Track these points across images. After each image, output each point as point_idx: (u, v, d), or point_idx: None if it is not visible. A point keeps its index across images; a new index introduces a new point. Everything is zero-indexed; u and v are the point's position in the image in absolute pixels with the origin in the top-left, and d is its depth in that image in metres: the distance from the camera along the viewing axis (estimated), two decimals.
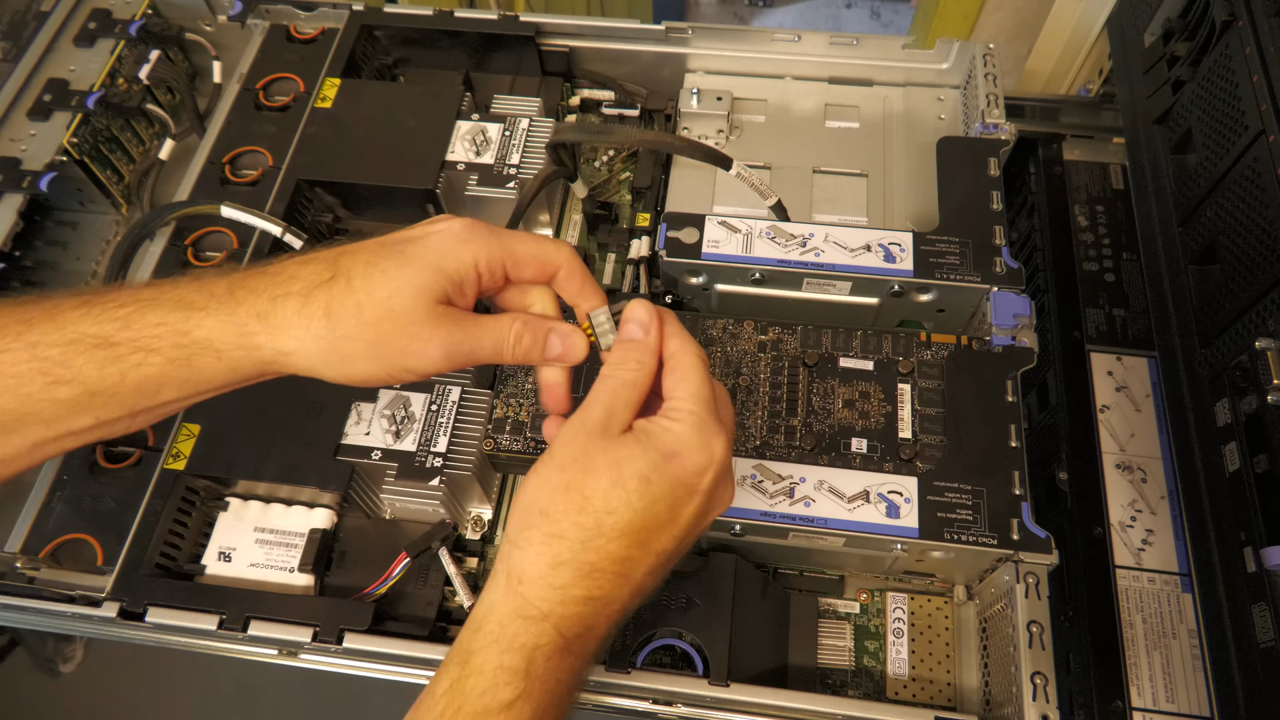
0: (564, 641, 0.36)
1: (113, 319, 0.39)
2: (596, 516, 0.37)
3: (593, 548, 0.37)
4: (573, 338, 0.43)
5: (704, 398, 0.40)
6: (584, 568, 0.37)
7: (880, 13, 2.30)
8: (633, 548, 0.38)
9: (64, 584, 0.56)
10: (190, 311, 0.39)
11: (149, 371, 0.39)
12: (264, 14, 0.78)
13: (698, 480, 0.39)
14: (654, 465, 0.38)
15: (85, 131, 0.71)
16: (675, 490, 0.38)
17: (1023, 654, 0.48)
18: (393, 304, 0.39)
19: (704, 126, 0.72)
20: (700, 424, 0.39)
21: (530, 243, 0.43)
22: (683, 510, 0.39)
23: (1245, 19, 0.58)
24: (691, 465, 0.39)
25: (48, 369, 0.38)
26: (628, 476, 0.37)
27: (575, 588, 0.37)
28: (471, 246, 0.41)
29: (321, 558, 0.55)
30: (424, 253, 0.40)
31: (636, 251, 0.68)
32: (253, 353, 0.39)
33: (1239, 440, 0.52)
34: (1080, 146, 0.83)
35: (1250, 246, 0.54)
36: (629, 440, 0.39)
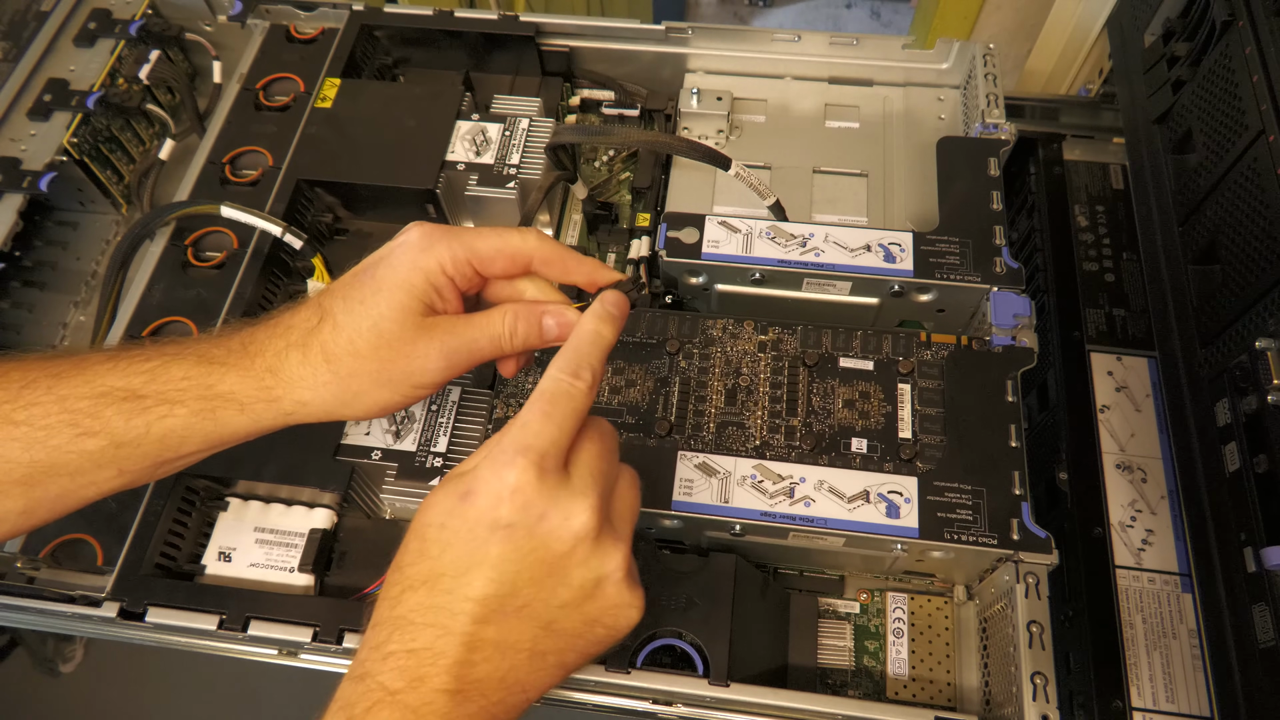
0: (389, 694, 0.36)
1: (139, 373, 0.40)
2: (404, 572, 0.38)
3: (401, 601, 0.37)
4: (567, 315, 0.43)
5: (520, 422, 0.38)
6: (395, 622, 0.37)
7: (880, 13, 2.30)
8: (436, 594, 0.37)
9: (64, 584, 0.56)
10: (212, 366, 0.41)
11: (173, 424, 0.40)
12: (264, 14, 0.78)
13: (492, 514, 0.37)
14: (448, 509, 0.37)
15: (85, 131, 0.71)
16: (473, 530, 0.37)
17: (1023, 654, 0.48)
18: (380, 330, 0.40)
19: (704, 126, 0.72)
20: (496, 452, 0.37)
21: (492, 238, 0.43)
22: (486, 550, 0.37)
23: (1245, 19, 0.58)
24: (483, 500, 0.37)
25: (76, 420, 0.39)
26: (425, 525, 0.38)
27: (390, 643, 0.37)
28: (433, 253, 0.41)
29: (321, 558, 0.55)
30: (391, 273, 0.41)
31: (636, 251, 0.68)
32: (273, 405, 0.41)
33: (1239, 440, 0.52)
34: (1080, 146, 0.83)
35: (1250, 246, 0.54)
36: (437, 490, 0.39)
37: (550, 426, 0.38)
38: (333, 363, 0.40)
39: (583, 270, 0.44)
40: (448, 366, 0.41)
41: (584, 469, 0.39)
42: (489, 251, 0.42)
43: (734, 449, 0.53)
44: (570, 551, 0.38)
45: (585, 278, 0.45)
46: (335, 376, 0.40)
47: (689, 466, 0.52)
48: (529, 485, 0.37)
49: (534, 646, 0.38)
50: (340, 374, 0.40)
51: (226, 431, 0.41)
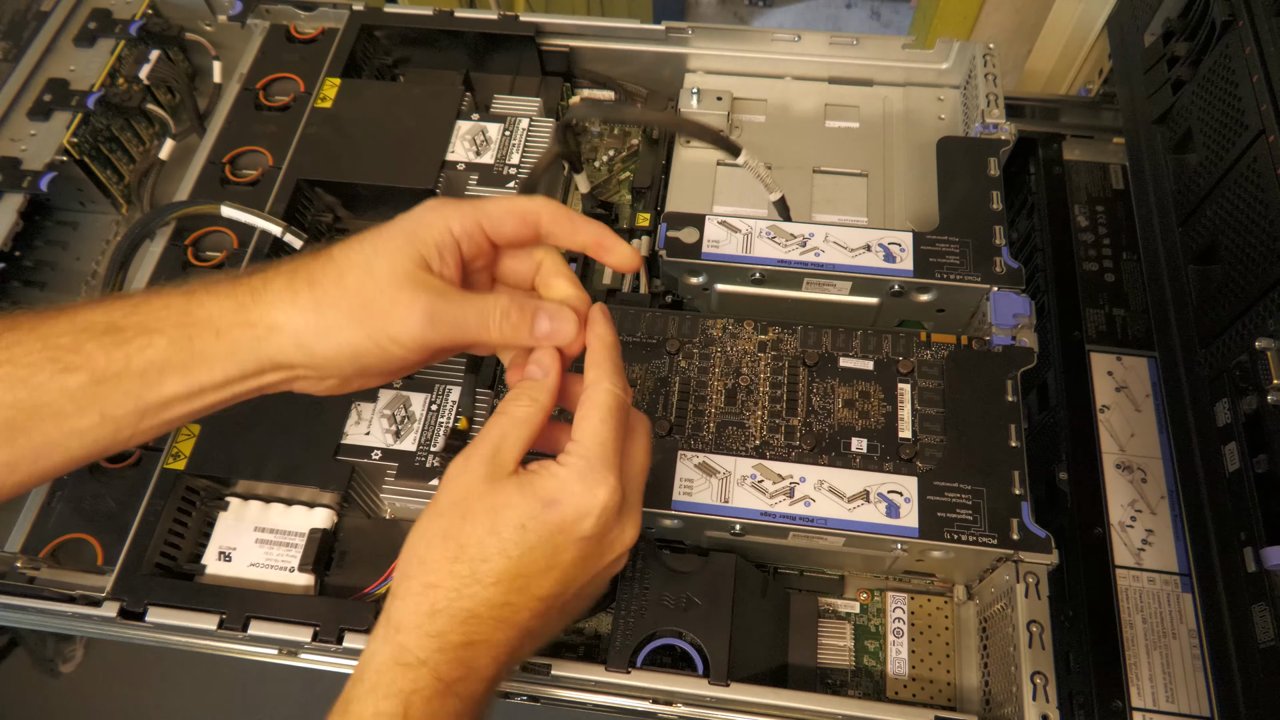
0: (443, 685, 0.37)
1: (121, 308, 0.40)
2: (471, 564, 0.38)
3: (468, 594, 0.38)
4: (563, 315, 0.42)
5: (600, 439, 0.40)
6: (461, 614, 0.37)
7: (880, 13, 2.30)
8: (511, 594, 0.38)
9: (64, 584, 0.56)
10: (193, 295, 0.40)
11: (152, 355, 0.39)
12: (264, 14, 0.78)
13: (577, 527, 0.39)
14: (531, 513, 0.38)
15: (85, 131, 0.71)
16: (554, 538, 0.39)
17: (1023, 654, 0.48)
18: (371, 266, 0.40)
19: None
20: (586, 469, 0.39)
21: (502, 200, 0.43)
22: (563, 556, 0.39)
23: (1245, 19, 0.58)
24: (571, 512, 0.39)
25: (58, 356, 0.39)
26: (503, 524, 0.38)
27: (453, 634, 0.37)
28: (442, 213, 0.41)
29: (321, 558, 0.55)
30: (399, 223, 0.41)
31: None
32: (249, 330, 0.40)
33: (1239, 440, 0.52)
34: (1080, 146, 0.83)
35: (1250, 246, 0.54)
36: (509, 486, 0.39)
37: (618, 441, 0.41)
38: (315, 288, 0.40)
39: (590, 231, 0.43)
40: (427, 323, 0.40)
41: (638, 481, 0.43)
42: (498, 212, 0.42)
43: (734, 449, 0.53)
44: (621, 555, 0.42)
45: (593, 239, 0.43)
46: (314, 302, 0.40)
47: (689, 466, 0.52)
48: (614, 506, 0.40)
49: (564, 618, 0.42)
50: (320, 301, 0.40)
51: (203, 366, 0.40)
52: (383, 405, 0.57)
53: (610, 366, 0.42)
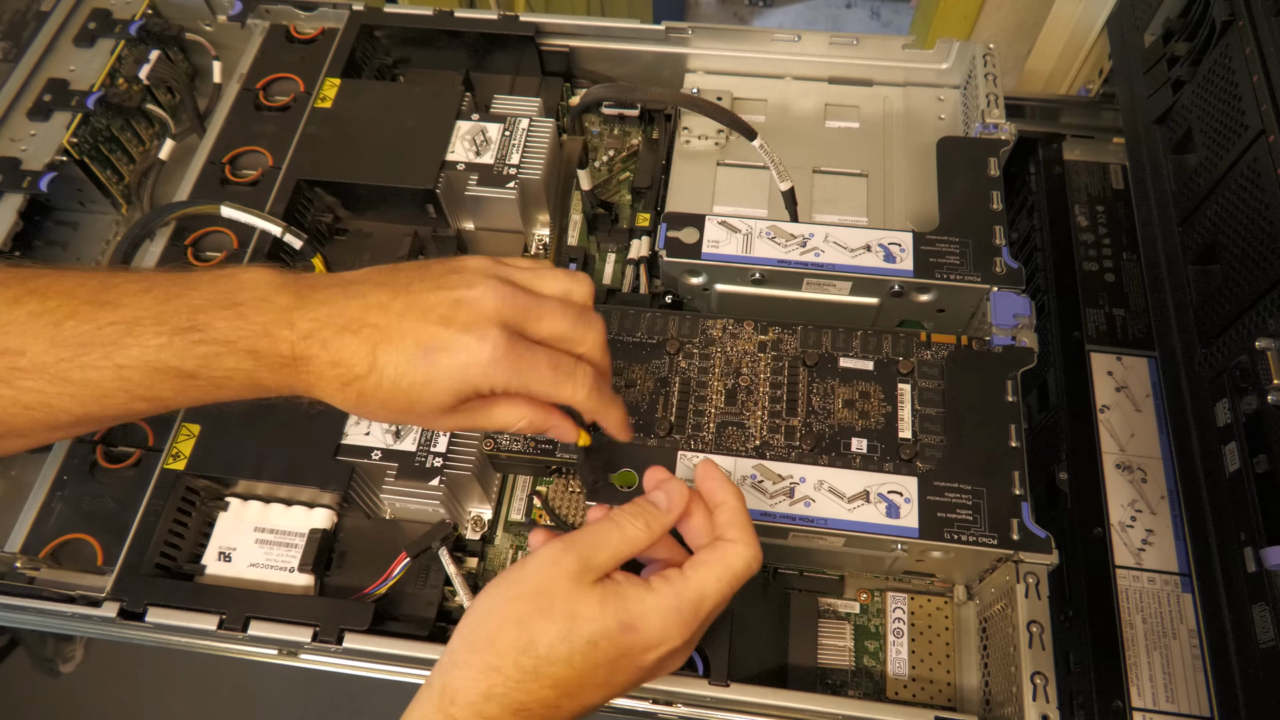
0: None
1: (194, 356, 0.40)
2: (537, 663, 0.38)
3: (526, 689, 0.38)
4: (563, 428, 0.45)
5: (706, 594, 0.40)
6: (513, 705, 0.38)
7: (880, 13, 2.30)
8: (564, 698, 0.39)
9: (64, 584, 0.56)
10: (260, 362, 0.40)
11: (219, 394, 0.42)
12: (264, 14, 0.78)
13: (644, 657, 0.40)
14: (607, 633, 0.39)
15: (85, 131, 0.71)
16: (619, 660, 0.39)
17: (1023, 654, 0.48)
18: (412, 402, 0.41)
19: (704, 126, 0.72)
20: (674, 612, 0.40)
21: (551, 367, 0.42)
22: (619, 676, 0.40)
23: (1245, 19, 0.58)
24: (643, 643, 0.39)
25: (131, 389, 0.40)
26: (578, 635, 0.38)
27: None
28: (497, 374, 0.40)
29: (321, 558, 0.55)
30: (451, 369, 0.40)
31: (636, 251, 0.68)
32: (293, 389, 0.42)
33: (1239, 440, 0.52)
34: (1080, 146, 0.83)
35: (1250, 246, 0.54)
36: (594, 595, 0.39)
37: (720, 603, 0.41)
38: (364, 399, 0.41)
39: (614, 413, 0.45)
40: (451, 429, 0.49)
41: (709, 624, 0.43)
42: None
43: (734, 449, 0.53)
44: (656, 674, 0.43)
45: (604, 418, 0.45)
46: (358, 406, 0.42)
47: (689, 466, 0.52)
48: (681, 648, 0.41)
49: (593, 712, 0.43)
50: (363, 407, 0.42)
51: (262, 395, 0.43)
52: None
53: (748, 526, 0.43)
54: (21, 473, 0.67)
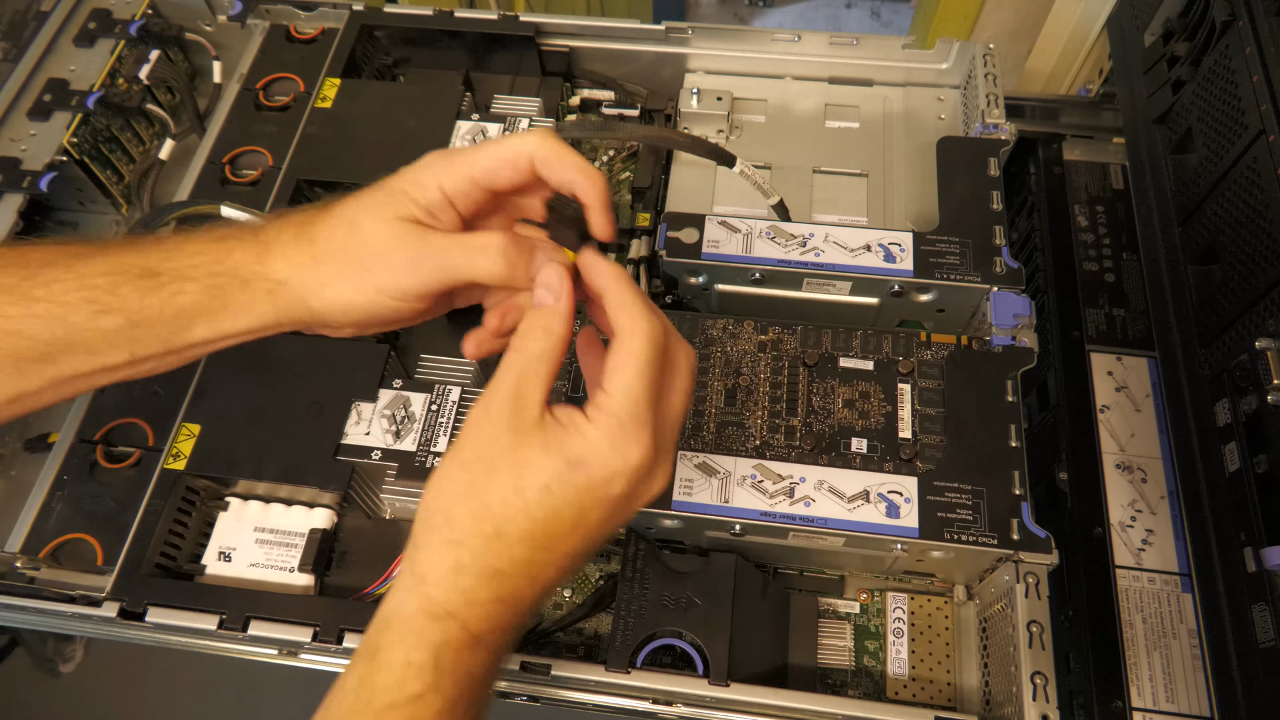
0: (472, 638, 0.37)
1: (156, 252, 0.41)
2: (496, 524, 0.37)
3: (494, 552, 0.37)
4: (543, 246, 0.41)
5: (634, 395, 0.37)
6: (487, 571, 0.37)
7: (880, 13, 2.30)
8: (537, 551, 0.37)
9: (64, 584, 0.56)
10: (223, 242, 0.42)
11: (184, 301, 0.41)
12: (264, 14, 0.78)
13: (605, 489, 0.37)
14: (556, 474, 0.37)
15: (85, 131, 0.71)
16: (581, 498, 0.37)
17: (1023, 654, 0.48)
18: (357, 223, 0.40)
19: (704, 126, 0.72)
20: (617, 430, 0.37)
21: (490, 146, 0.41)
22: (590, 516, 0.38)
23: (1245, 19, 0.58)
24: (599, 474, 0.37)
25: (95, 297, 0.40)
26: (528, 485, 0.37)
27: (480, 590, 0.37)
28: (431, 169, 0.41)
29: (321, 558, 0.55)
30: (392, 181, 0.42)
31: (636, 251, 0.68)
32: (264, 283, 0.41)
33: (1239, 440, 0.52)
34: (1080, 146, 0.83)
35: (1250, 246, 0.54)
36: (534, 441, 0.37)
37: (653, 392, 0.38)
38: (313, 244, 0.41)
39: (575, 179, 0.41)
40: (409, 277, 0.40)
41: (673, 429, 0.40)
42: (488, 162, 0.41)
43: (734, 449, 0.53)
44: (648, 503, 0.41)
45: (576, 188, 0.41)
46: (310, 258, 0.41)
47: (689, 466, 0.52)
48: (646, 466, 0.38)
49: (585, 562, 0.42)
50: (316, 255, 0.41)
51: (228, 314, 0.41)
52: (383, 405, 0.57)
53: (634, 304, 0.39)
54: (21, 473, 0.67)
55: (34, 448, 0.68)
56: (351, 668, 0.37)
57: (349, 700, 0.36)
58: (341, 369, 0.58)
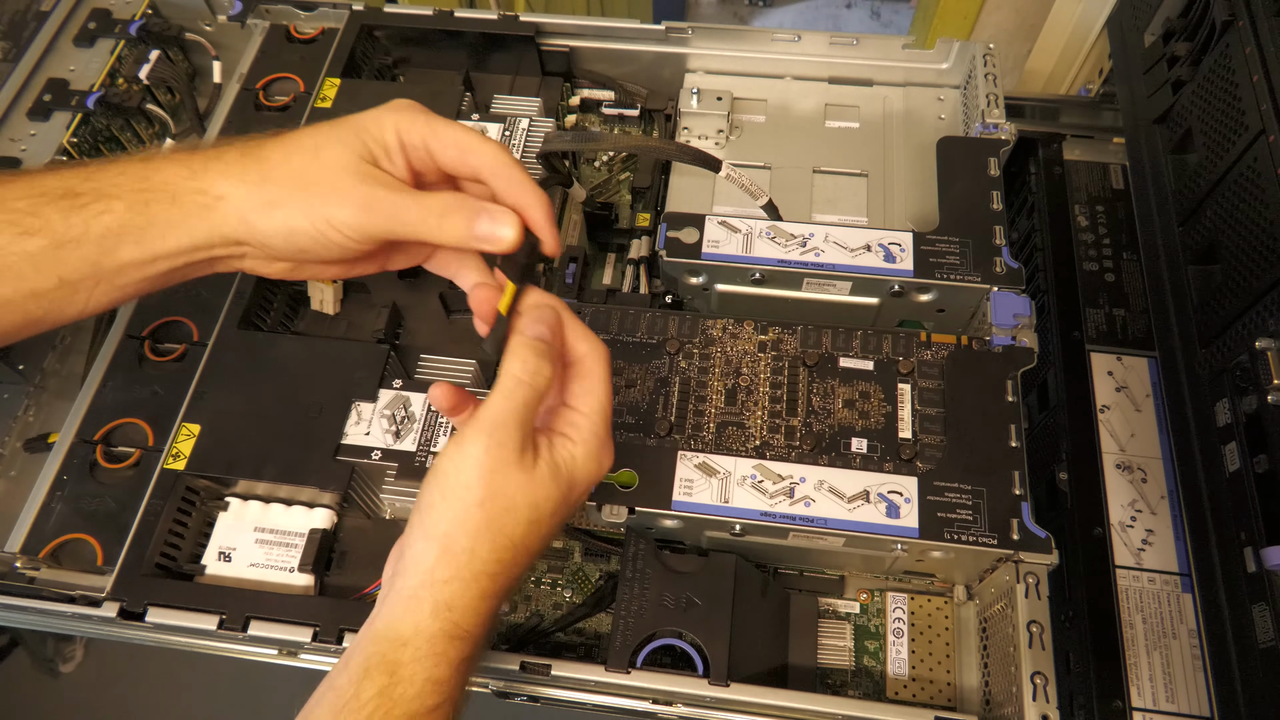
0: (478, 649, 0.40)
1: (77, 174, 0.41)
2: (515, 552, 0.40)
3: (509, 575, 0.41)
4: (503, 217, 0.41)
5: (605, 412, 0.43)
6: (500, 591, 0.41)
7: (880, 13, 2.30)
8: (532, 561, 0.42)
9: (64, 584, 0.56)
10: (151, 161, 0.42)
11: (109, 221, 0.40)
12: (264, 14, 0.78)
13: (586, 494, 0.43)
14: (563, 499, 0.41)
15: (85, 131, 0.71)
16: (571, 509, 0.43)
17: (1023, 654, 0.48)
18: (319, 151, 0.41)
19: (704, 126, 0.72)
20: (598, 446, 0.42)
21: (458, 128, 0.42)
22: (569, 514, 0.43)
23: (1245, 19, 0.58)
24: (585, 486, 0.43)
25: (17, 220, 0.40)
26: (544, 515, 0.41)
27: (494, 608, 0.41)
28: (395, 115, 0.42)
29: (321, 558, 0.55)
30: (354, 117, 0.42)
31: (636, 252, 0.68)
32: (199, 198, 0.41)
33: (1239, 440, 0.52)
34: (1080, 146, 0.83)
35: (1250, 247, 0.54)
36: (544, 475, 0.41)
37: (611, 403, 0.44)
38: (264, 163, 0.41)
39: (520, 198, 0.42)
40: (362, 214, 0.40)
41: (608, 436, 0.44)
42: (448, 139, 0.42)
43: (734, 449, 0.53)
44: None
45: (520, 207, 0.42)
46: (260, 177, 0.41)
47: (689, 466, 0.52)
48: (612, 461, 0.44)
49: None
50: (265, 176, 0.41)
51: (157, 232, 0.41)
52: (383, 405, 0.57)
53: (588, 331, 0.44)
54: (21, 473, 0.67)
55: (34, 448, 0.68)
56: (365, 679, 0.38)
57: (367, 710, 0.37)
58: (341, 369, 0.58)
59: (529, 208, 0.42)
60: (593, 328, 0.58)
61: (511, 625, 0.59)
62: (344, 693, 0.38)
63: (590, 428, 0.42)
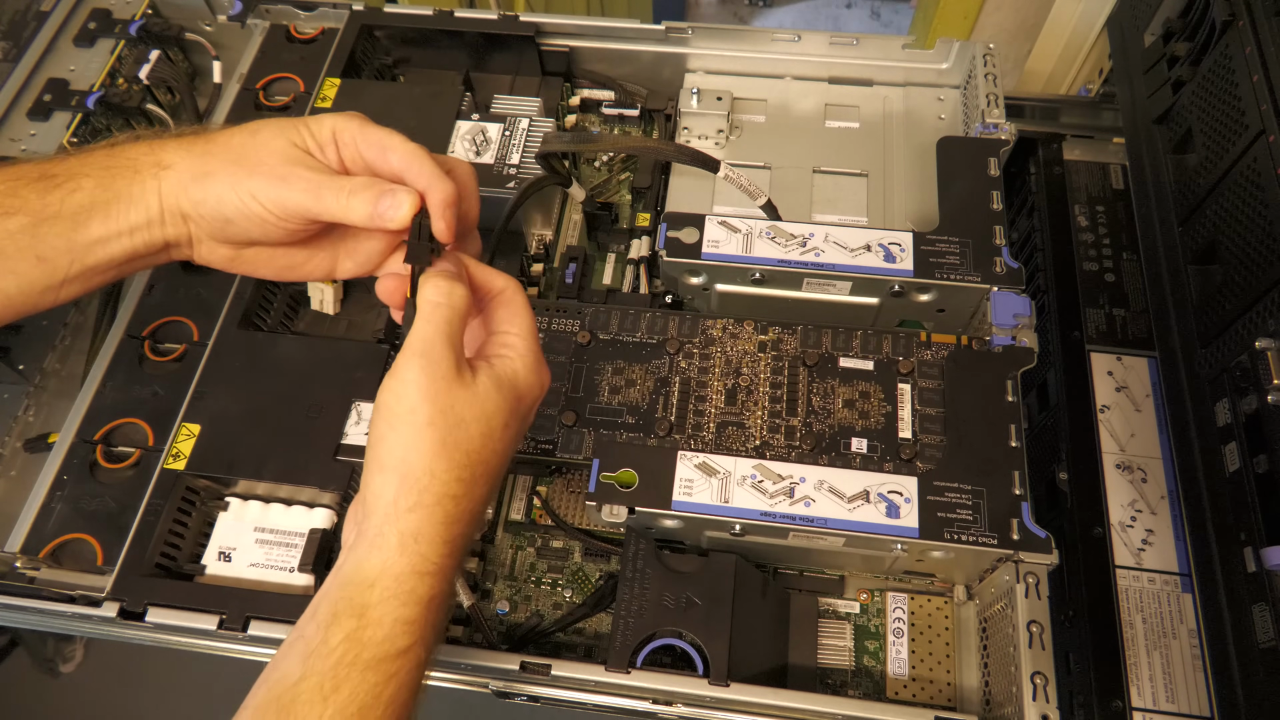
0: (448, 585, 0.40)
1: (53, 160, 0.45)
2: (473, 469, 0.41)
3: (471, 496, 0.41)
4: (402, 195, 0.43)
5: (534, 331, 0.45)
6: (468, 515, 0.41)
7: (880, 13, 2.30)
8: (493, 478, 0.43)
9: (64, 584, 0.56)
10: (118, 145, 0.45)
11: (81, 198, 0.43)
12: (264, 14, 0.78)
13: (534, 407, 0.45)
14: (512, 410, 0.42)
15: (85, 131, 0.71)
16: (522, 422, 0.44)
17: (1023, 654, 0.48)
18: (257, 132, 0.45)
19: (704, 126, 0.72)
20: (536, 361, 0.44)
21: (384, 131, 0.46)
22: (522, 430, 0.45)
23: (1245, 19, 0.58)
24: (533, 400, 0.44)
25: None
26: (496, 427, 0.41)
27: (461, 537, 0.40)
28: (336, 117, 0.46)
29: (321, 558, 0.55)
30: (301, 117, 0.46)
31: (636, 251, 0.68)
32: (153, 169, 0.44)
33: (1239, 440, 0.52)
34: (1080, 146, 0.83)
35: (1250, 246, 0.54)
36: (488, 387, 0.42)
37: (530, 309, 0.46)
38: (210, 141, 0.45)
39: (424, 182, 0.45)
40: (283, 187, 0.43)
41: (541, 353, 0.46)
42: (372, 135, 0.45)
43: (734, 449, 0.53)
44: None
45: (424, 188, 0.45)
46: (203, 150, 0.44)
47: (689, 466, 0.52)
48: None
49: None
50: (206, 151, 0.44)
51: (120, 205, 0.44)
52: None
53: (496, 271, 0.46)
54: (21, 473, 0.67)
55: (34, 448, 0.68)
56: (333, 624, 0.37)
57: (335, 655, 0.36)
58: (341, 369, 0.58)
59: (429, 190, 0.44)
60: (592, 328, 0.58)
61: (511, 625, 0.59)
62: (312, 640, 0.37)
63: (525, 344, 0.44)
